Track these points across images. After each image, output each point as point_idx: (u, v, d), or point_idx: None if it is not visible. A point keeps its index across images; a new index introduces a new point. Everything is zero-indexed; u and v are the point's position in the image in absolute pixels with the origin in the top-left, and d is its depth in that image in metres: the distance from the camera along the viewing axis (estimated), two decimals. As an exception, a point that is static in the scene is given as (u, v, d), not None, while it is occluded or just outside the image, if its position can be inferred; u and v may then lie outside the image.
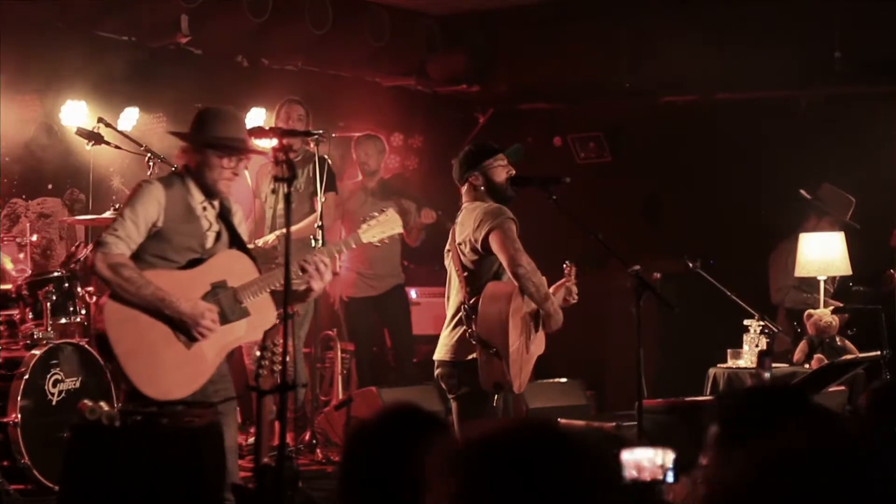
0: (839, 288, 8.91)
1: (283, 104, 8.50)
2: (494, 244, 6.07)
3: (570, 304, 6.48)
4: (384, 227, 5.84)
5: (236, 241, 5.65)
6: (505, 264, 6.06)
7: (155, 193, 5.41)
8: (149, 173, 7.61)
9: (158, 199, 5.40)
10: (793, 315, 8.77)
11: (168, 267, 5.43)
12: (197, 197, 5.53)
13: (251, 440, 7.58)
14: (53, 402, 7.10)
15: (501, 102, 11.00)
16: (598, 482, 2.12)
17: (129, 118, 8.74)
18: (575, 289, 6.52)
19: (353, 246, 5.88)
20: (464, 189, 6.37)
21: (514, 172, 6.34)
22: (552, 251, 6.82)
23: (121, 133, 7.93)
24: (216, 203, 5.62)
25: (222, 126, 5.53)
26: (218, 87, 9.28)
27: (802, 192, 8.81)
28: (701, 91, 10.12)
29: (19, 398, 6.91)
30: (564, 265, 6.56)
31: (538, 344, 6.40)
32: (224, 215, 5.64)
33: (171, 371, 5.31)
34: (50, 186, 8.83)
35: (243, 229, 5.81)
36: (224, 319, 5.43)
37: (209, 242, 5.55)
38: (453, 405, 6.23)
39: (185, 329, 5.33)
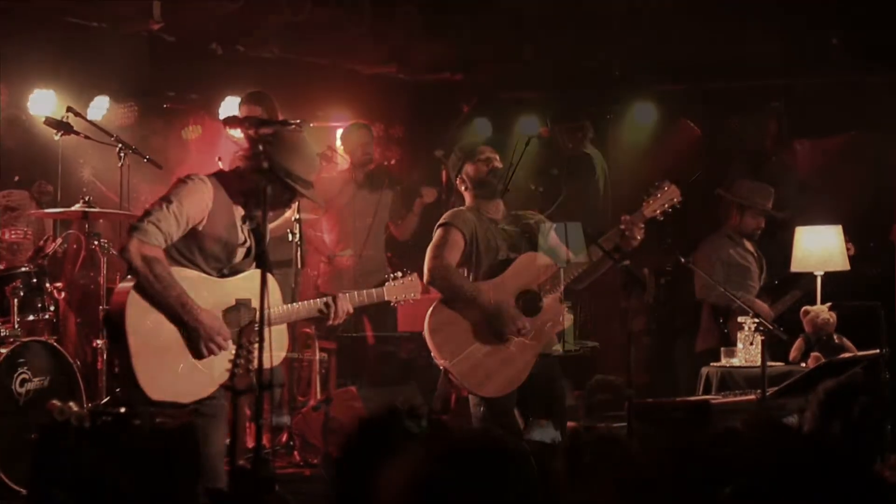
0: (767, 283, 8.80)
1: (243, 102, 8.10)
2: None
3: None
4: (407, 289, 5.98)
5: (262, 260, 5.44)
6: None
7: (206, 196, 5.29)
8: (119, 164, 7.54)
9: (207, 203, 5.29)
10: (718, 311, 8.57)
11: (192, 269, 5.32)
12: (241, 208, 5.41)
13: (226, 441, 7.38)
14: (20, 402, 6.95)
15: (486, 91, 10.90)
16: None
17: (100, 107, 8.69)
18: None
19: (376, 300, 5.91)
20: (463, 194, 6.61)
21: (495, 164, 6.53)
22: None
23: (91, 123, 7.86)
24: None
25: (299, 162, 5.33)
26: (191, 75, 9.25)
27: (719, 191, 8.75)
28: (694, 80, 10.04)
29: (-16, 398, 6.78)
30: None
31: (543, 331, 6.39)
32: (257, 230, 5.44)
33: (175, 377, 5.26)
34: (17, 178, 8.69)
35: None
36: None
37: (238, 256, 5.45)
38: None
39: (196, 340, 5.23)
